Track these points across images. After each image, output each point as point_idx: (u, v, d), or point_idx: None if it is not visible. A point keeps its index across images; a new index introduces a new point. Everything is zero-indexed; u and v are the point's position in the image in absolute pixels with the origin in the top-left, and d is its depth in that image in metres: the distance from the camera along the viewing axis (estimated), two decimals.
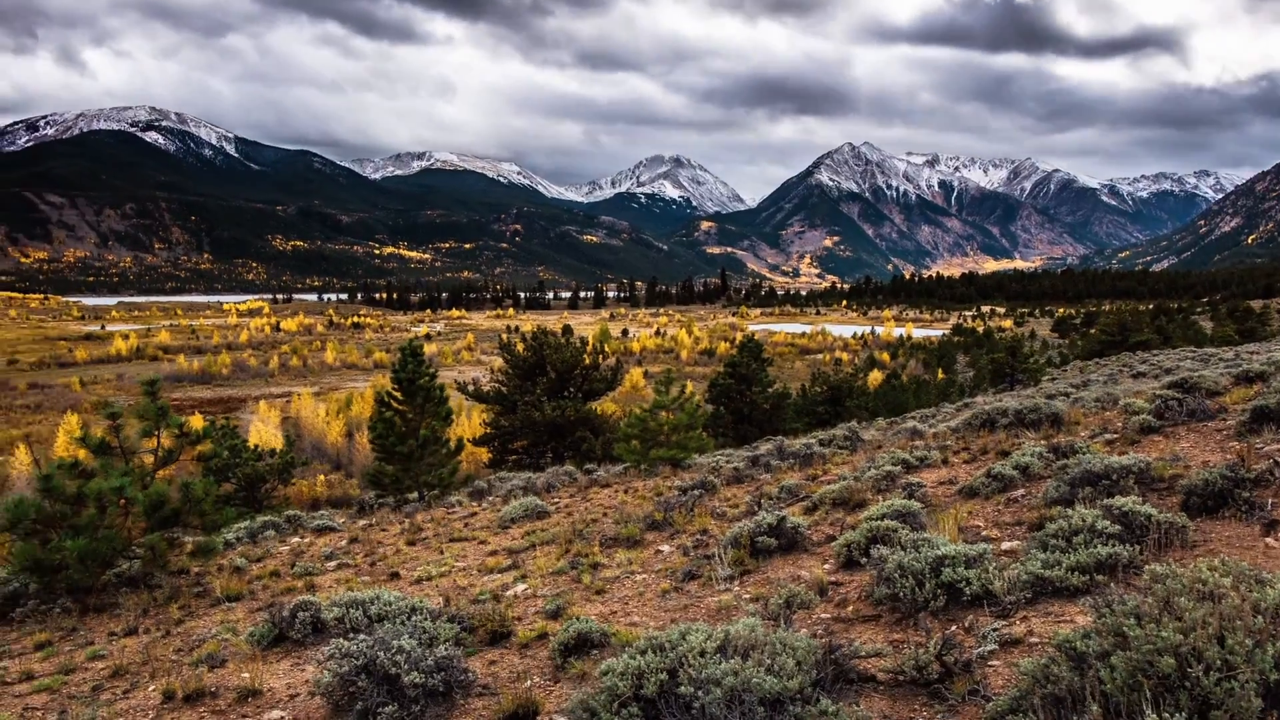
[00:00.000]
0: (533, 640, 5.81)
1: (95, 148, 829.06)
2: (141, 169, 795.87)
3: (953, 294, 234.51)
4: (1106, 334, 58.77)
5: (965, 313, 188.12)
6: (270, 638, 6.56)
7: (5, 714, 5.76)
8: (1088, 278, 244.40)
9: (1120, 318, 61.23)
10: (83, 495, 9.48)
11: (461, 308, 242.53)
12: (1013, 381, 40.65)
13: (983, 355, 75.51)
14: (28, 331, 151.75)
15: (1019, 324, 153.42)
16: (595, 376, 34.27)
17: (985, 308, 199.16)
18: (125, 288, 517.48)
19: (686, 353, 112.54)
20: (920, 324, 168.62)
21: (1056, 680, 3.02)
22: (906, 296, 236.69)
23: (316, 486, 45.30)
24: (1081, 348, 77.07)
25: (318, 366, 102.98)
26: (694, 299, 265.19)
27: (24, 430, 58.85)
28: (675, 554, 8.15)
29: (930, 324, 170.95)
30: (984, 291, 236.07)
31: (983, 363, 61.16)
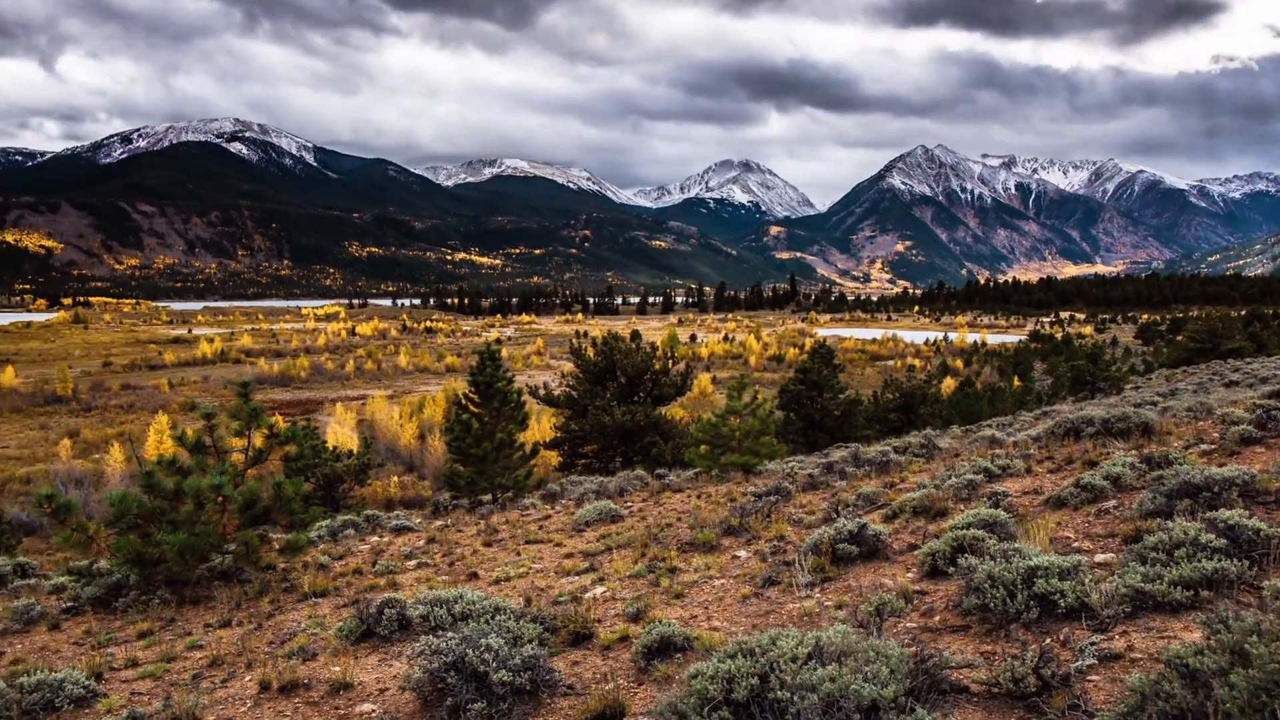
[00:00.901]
0: (614, 642, 5.85)
1: (184, 159, 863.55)
2: (226, 179, 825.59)
3: (1029, 299, 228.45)
4: (1195, 341, 56.51)
5: (1043, 319, 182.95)
6: (358, 633, 6.73)
7: (115, 698, 6.04)
8: (1174, 282, 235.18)
9: (1210, 324, 58.75)
10: (180, 492, 9.88)
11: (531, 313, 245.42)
12: (1094, 390, 39.42)
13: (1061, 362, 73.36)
14: (121, 335, 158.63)
15: (1100, 330, 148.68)
16: (665, 382, 34.31)
17: (1064, 314, 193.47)
18: (210, 293, 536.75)
19: (755, 359, 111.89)
20: (995, 330, 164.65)
21: (1169, 697, 2.92)
22: (981, 302, 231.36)
23: (390, 487, 46.26)
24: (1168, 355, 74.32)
25: (391, 370, 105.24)
26: (762, 304, 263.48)
27: (118, 429, 61.43)
28: (753, 560, 8.11)
29: (1005, 330, 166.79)
30: (1063, 297, 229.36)
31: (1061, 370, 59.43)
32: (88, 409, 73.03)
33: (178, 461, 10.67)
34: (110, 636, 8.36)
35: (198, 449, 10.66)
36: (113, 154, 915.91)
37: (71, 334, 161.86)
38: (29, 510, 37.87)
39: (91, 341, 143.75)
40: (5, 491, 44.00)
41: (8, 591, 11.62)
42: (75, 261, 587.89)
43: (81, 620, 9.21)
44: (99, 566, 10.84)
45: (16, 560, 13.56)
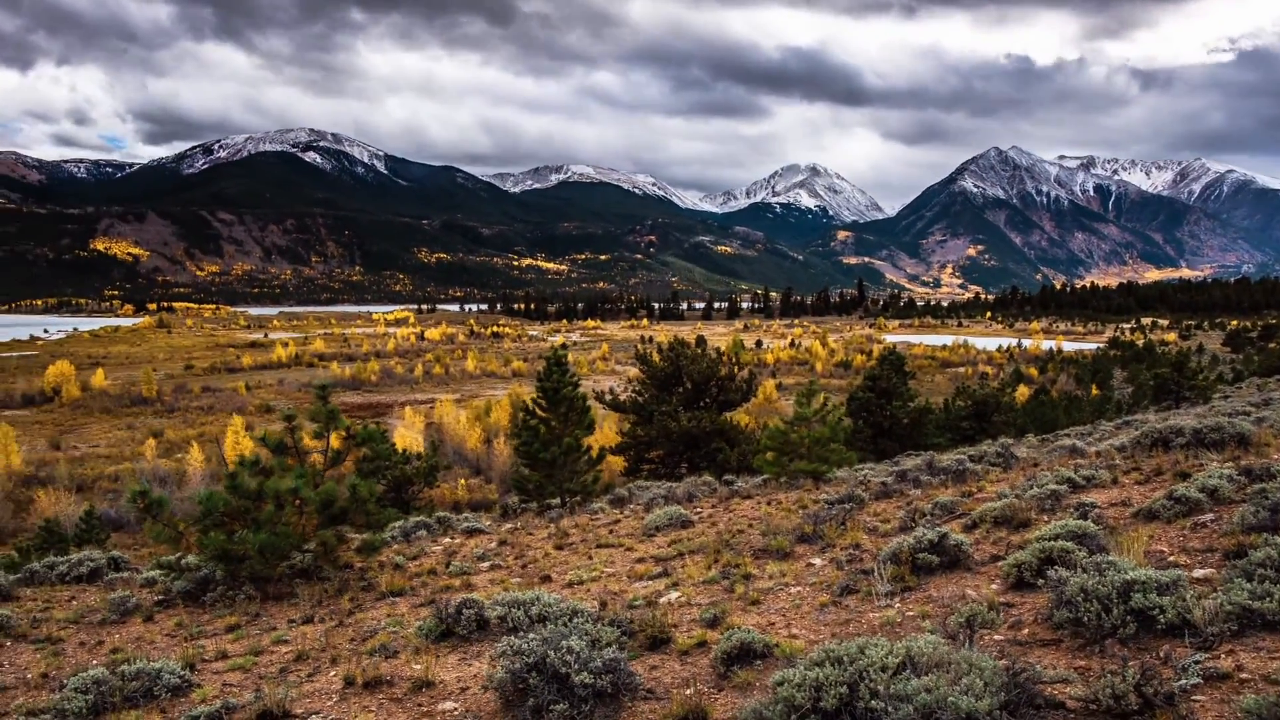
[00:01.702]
0: (692, 648, 5.84)
1: (261, 168, 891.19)
2: (301, 187, 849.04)
3: (1108, 305, 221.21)
4: None
5: (1123, 325, 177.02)
6: (437, 632, 6.84)
7: (209, 688, 6.24)
8: (1266, 287, 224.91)
9: None
10: (262, 492, 10.18)
11: (596, 318, 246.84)
12: (1178, 399, 38.02)
13: (1143, 370, 70.97)
14: (201, 339, 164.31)
15: (1185, 337, 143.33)
16: (731, 388, 34.17)
17: (1146, 320, 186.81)
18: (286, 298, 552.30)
19: (821, 365, 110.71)
20: (1072, 337, 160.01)
21: None
22: (1057, 308, 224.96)
23: (458, 490, 46.91)
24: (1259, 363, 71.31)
25: (459, 374, 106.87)
26: (829, 310, 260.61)
27: (198, 430, 63.58)
28: (828, 567, 8.02)
29: (1083, 337, 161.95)
30: (1144, 302, 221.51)
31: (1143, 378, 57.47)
32: (170, 410, 75.79)
33: (260, 462, 11.00)
34: (200, 629, 8.65)
35: (279, 450, 10.96)
36: (195, 165, 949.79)
37: (156, 338, 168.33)
38: (119, 506, 39.44)
39: (174, 345, 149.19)
40: (96, 488, 45.90)
41: (104, 584, 12.11)
42: (160, 268, 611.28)
43: (173, 613, 9.55)
44: (187, 561, 11.23)
45: (110, 554, 14.11)
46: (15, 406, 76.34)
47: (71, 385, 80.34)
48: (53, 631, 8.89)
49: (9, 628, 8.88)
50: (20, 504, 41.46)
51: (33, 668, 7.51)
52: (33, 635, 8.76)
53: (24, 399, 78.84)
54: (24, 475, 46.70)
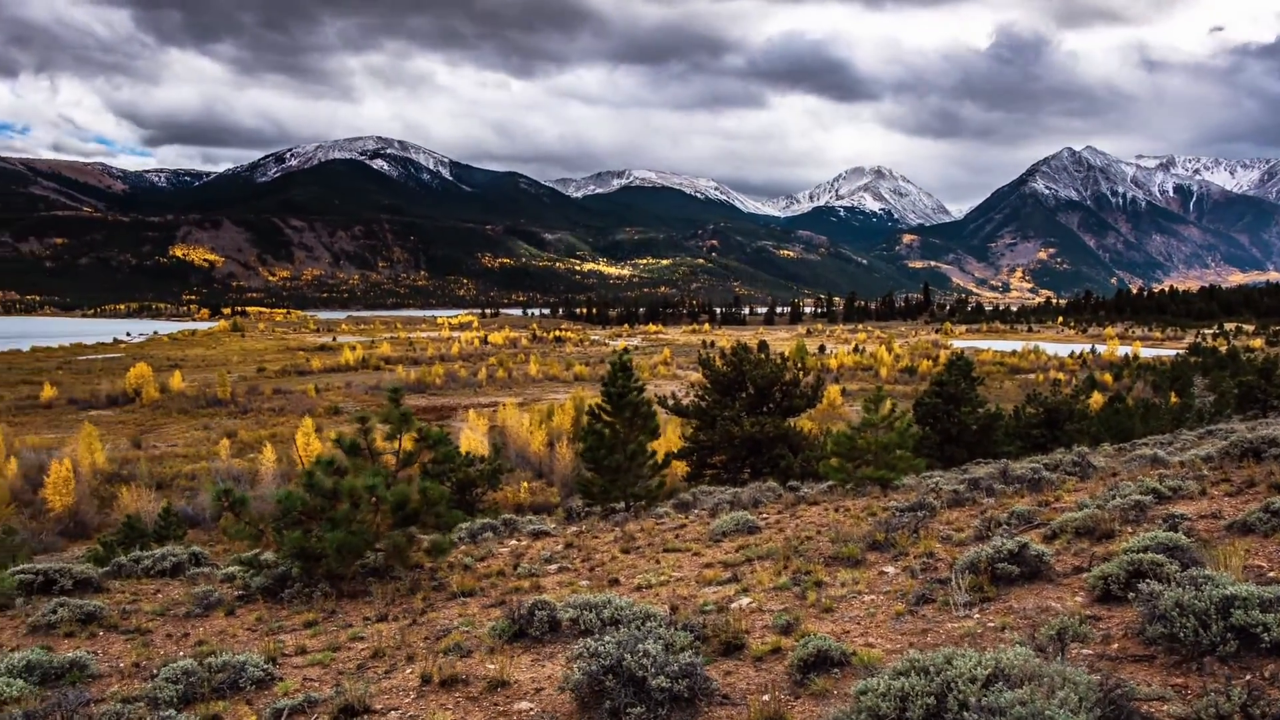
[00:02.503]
0: (766, 654, 5.79)
1: (330, 176, 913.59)
2: (369, 194, 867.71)
3: (1189, 310, 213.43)
4: None
5: (1204, 330, 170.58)
6: (510, 633, 6.90)
7: (290, 682, 6.40)
8: None
9: None
10: (338, 491, 10.41)
11: (658, 323, 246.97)
12: (1265, 408, 36.54)
13: (1226, 378, 68.34)
14: (273, 343, 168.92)
15: (1272, 343, 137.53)
16: (795, 393, 33.88)
17: (1229, 325, 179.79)
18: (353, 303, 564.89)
19: (886, 370, 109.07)
20: (1149, 343, 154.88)
21: None
22: (1133, 312, 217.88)
23: (520, 493, 47.31)
24: None
25: (521, 378, 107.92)
26: (894, 315, 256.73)
27: (270, 431, 65.30)
28: (901, 576, 7.89)
29: (1160, 343, 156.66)
30: (1228, 307, 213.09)
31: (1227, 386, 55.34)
32: (244, 411, 77.99)
33: (334, 462, 11.25)
34: (279, 624, 8.88)
35: (353, 451, 11.20)
36: (268, 173, 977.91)
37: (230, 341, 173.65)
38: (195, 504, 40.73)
39: (247, 349, 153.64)
40: (174, 486, 47.47)
41: (186, 578, 12.50)
42: (234, 274, 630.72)
43: (253, 608, 9.82)
44: (265, 558, 11.54)
45: (191, 549, 14.58)
46: (100, 406, 79.38)
47: (151, 387, 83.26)
48: (141, 623, 9.22)
49: (101, 618, 9.23)
50: (104, 500, 43.10)
51: (124, 657, 7.79)
52: (123, 626, 9.10)
53: (108, 399, 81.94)
54: (108, 472, 48.51)
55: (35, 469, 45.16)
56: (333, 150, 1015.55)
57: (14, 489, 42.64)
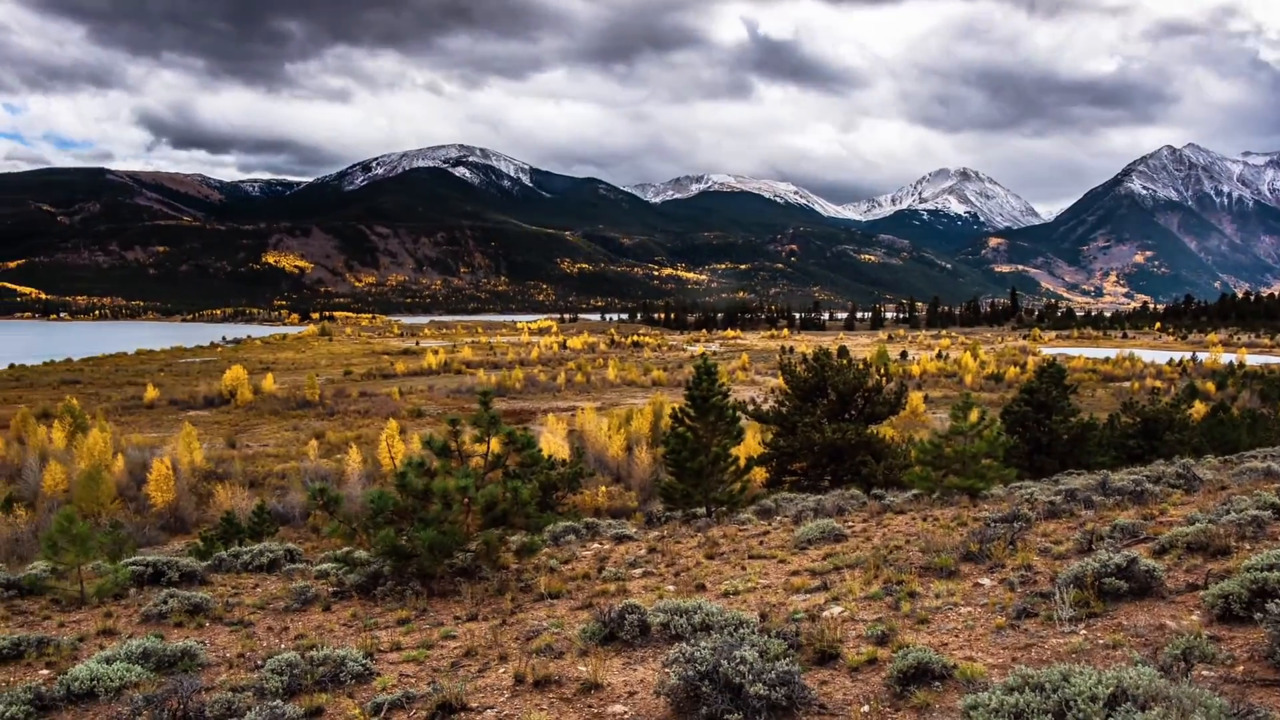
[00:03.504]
0: (863, 664, 5.69)
1: (414, 184, 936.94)
2: (450, 201, 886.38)
3: None
4: None
5: None
6: (601, 635, 6.94)
7: (387, 678, 6.56)
8: None
9: None
10: (429, 492, 10.63)
11: (736, 328, 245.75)
12: None
13: None
14: (359, 347, 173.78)
15: None
16: (878, 400, 33.29)
17: None
18: (435, 308, 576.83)
19: (971, 377, 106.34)
20: (1257, 350, 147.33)
21: None
22: (1238, 318, 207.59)
23: (598, 497, 47.56)
24: None
25: (600, 383, 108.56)
26: (979, 320, 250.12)
27: (356, 432, 67.08)
28: (999, 588, 7.66)
29: (1270, 350, 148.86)
30: None
31: None
32: (331, 413, 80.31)
33: (425, 463, 11.49)
34: (373, 621, 9.11)
35: (444, 453, 11.43)
36: (355, 182, 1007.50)
37: (318, 345, 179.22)
38: (286, 502, 42.11)
39: (334, 352, 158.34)
40: (266, 484, 49.16)
41: (282, 574, 12.94)
42: (322, 279, 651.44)
43: (348, 604, 10.10)
44: (357, 556, 11.85)
45: (286, 546, 15.08)
46: (198, 407, 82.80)
47: (245, 389, 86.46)
48: (244, 615, 9.57)
49: (207, 610, 9.62)
50: (202, 496, 44.86)
51: (230, 648, 8.10)
52: (227, 618, 9.46)
53: (205, 400, 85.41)
54: (205, 470, 50.51)
55: (139, 466, 47.31)
56: (416, 159, 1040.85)
57: (120, 485, 44.71)
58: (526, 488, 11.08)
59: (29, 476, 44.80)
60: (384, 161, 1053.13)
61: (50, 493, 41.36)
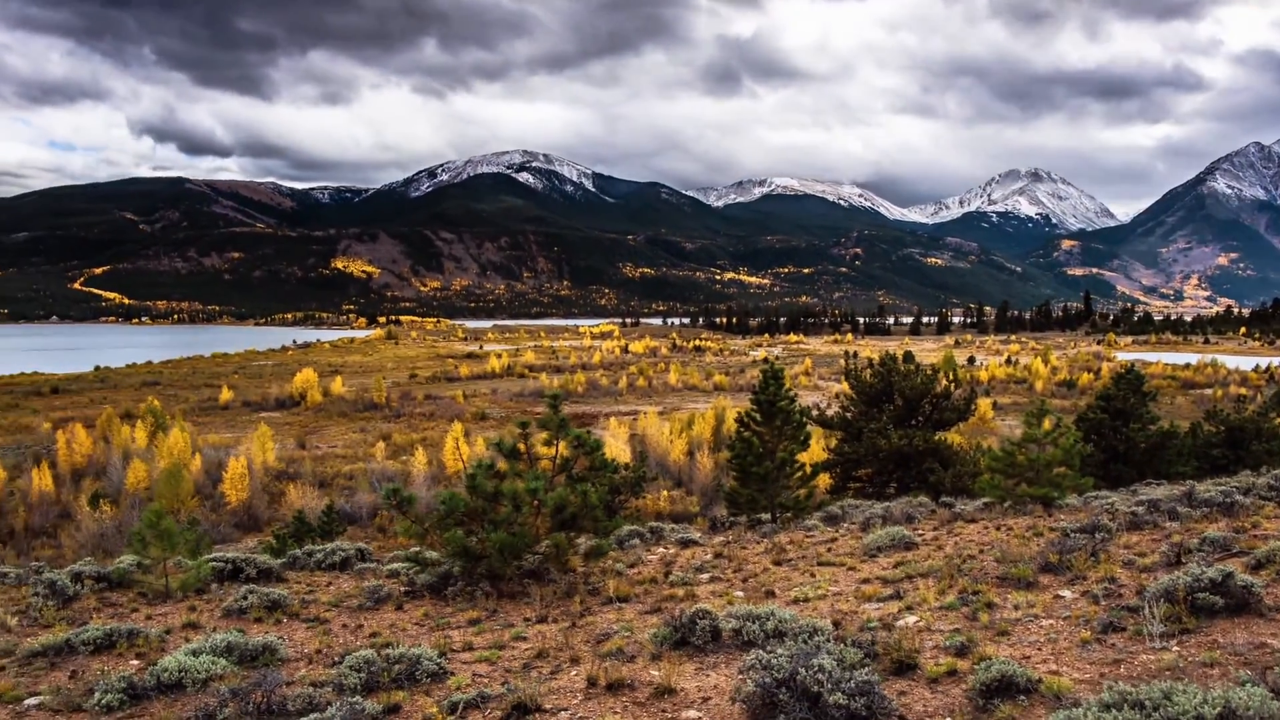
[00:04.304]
0: (942, 676, 5.57)
1: (478, 189, 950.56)
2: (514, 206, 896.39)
3: None
4: None
5: None
6: (672, 640, 6.92)
7: (461, 677, 6.63)
8: None
9: None
10: (499, 494, 10.74)
11: (799, 332, 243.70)
12: None
13: None
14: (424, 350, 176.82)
15: None
16: (946, 406, 32.68)
17: None
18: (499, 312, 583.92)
19: (1042, 384, 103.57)
20: None
21: None
22: None
23: (660, 501, 47.53)
24: None
25: (661, 387, 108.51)
26: (1050, 325, 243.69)
27: (421, 435, 68.18)
28: (1081, 601, 7.43)
29: None
30: None
31: None
32: (397, 415, 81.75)
33: (494, 465, 11.61)
34: (445, 620, 9.23)
35: (513, 455, 11.54)
36: (420, 188, 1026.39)
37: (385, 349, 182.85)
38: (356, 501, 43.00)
39: (400, 356, 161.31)
40: (334, 485, 50.28)
41: (354, 572, 13.19)
42: (389, 284, 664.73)
43: (419, 603, 10.25)
44: (427, 556, 12.02)
45: (357, 545, 15.39)
46: (269, 409, 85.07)
47: (315, 391, 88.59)
48: (319, 613, 9.78)
49: (284, 606, 9.86)
50: (274, 496, 46.07)
51: (308, 644, 8.29)
52: (303, 615, 9.69)
53: (276, 402, 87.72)
54: (276, 470, 51.87)
55: (215, 465, 48.80)
56: (481, 165, 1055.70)
57: (198, 483, 46.18)
58: (595, 491, 11.11)
59: (113, 474, 46.56)
60: (449, 168, 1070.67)
61: (133, 490, 42.91)
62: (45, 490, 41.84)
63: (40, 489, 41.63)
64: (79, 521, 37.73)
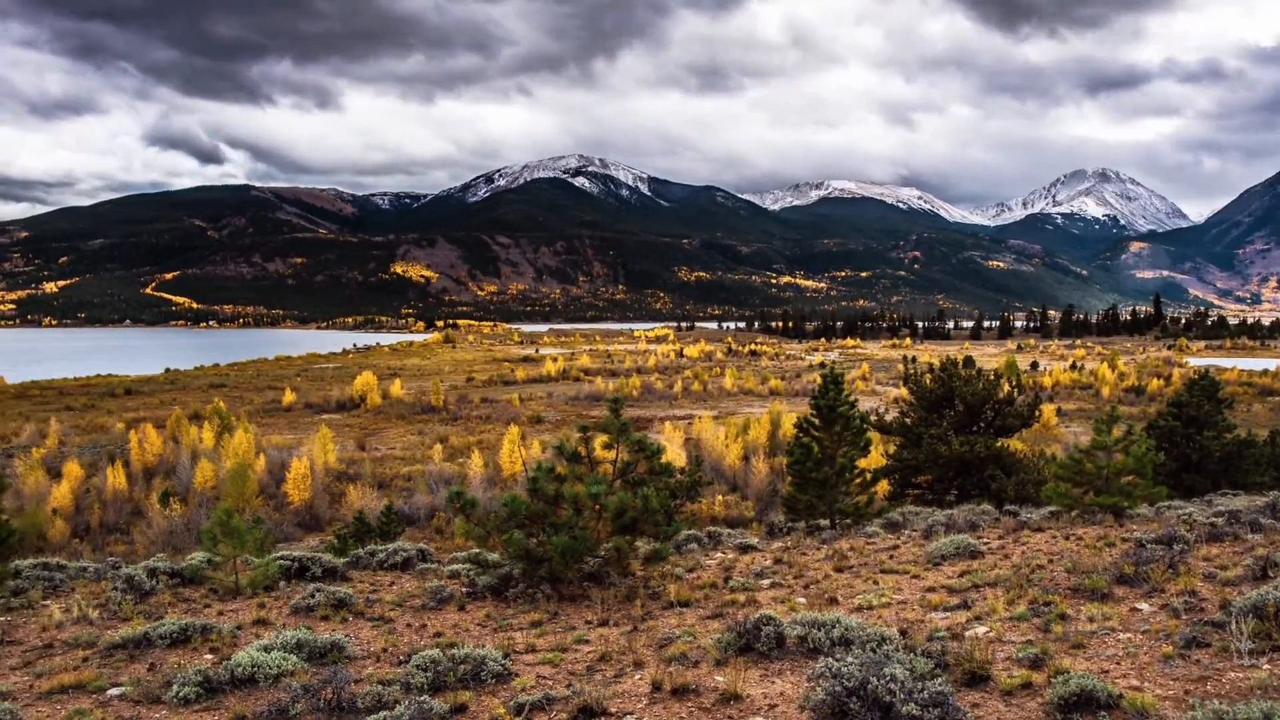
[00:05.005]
0: (1016, 688, 5.43)
1: (535, 194, 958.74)
2: (570, 211, 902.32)
3: None
4: None
5: None
6: (736, 646, 6.86)
7: (526, 679, 6.66)
8: None
9: None
10: (559, 497, 10.78)
11: (856, 336, 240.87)
12: None
13: None
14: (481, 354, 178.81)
15: None
16: (1009, 412, 31.98)
17: None
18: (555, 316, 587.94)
19: (1109, 390, 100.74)
20: None
21: None
22: None
23: (714, 506, 47.29)
24: None
25: (716, 391, 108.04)
26: (1118, 330, 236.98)
27: (477, 437, 68.87)
28: (1160, 615, 7.19)
29: None
30: None
31: None
32: (454, 418, 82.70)
33: (554, 469, 11.67)
34: (507, 622, 9.29)
35: (574, 459, 11.58)
36: (478, 193, 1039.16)
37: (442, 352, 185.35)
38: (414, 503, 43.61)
39: (458, 359, 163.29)
40: (393, 486, 51.05)
41: (415, 573, 13.37)
42: (447, 289, 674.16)
43: (481, 605, 10.34)
44: (488, 557, 12.13)
45: (418, 546, 15.59)
46: (330, 411, 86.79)
47: (374, 394, 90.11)
48: (384, 612, 9.93)
49: (350, 605, 10.03)
50: (334, 496, 46.96)
51: (374, 642, 8.41)
52: (369, 614, 9.84)
53: (337, 404, 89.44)
54: (337, 471, 52.86)
55: (278, 465, 49.91)
56: (537, 170, 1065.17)
57: (262, 483, 47.28)
58: (656, 495, 11.10)
59: (182, 473, 47.93)
60: (506, 173, 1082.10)
61: (200, 489, 44.11)
62: (119, 488, 43.22)
63: (114, 487, 43.02)
64: (150, 518, 38.92)
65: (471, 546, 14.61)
